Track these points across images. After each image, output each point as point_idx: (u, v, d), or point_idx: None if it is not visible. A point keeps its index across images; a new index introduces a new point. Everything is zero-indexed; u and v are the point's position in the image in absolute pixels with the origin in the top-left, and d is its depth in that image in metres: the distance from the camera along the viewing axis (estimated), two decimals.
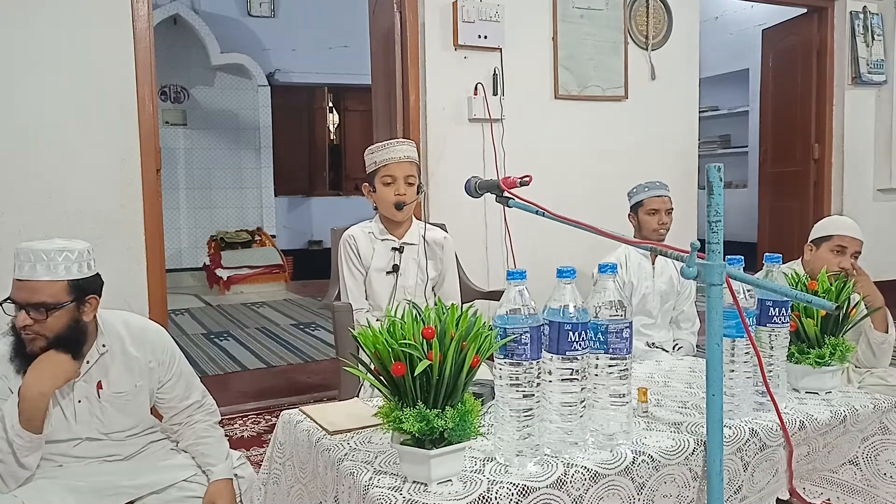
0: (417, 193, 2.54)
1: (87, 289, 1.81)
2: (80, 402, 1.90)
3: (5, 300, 1.78)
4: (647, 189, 3.15)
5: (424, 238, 2.60)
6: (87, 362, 1.89)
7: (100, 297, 1.87)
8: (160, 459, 2.01)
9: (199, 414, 2.09)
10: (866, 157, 5.48)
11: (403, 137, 3.95)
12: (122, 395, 1.94)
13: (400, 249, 2.56)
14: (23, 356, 1.80)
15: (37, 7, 3.14)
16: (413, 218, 2.65)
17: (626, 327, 1.44)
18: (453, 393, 1.25)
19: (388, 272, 2.54)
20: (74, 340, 1.82)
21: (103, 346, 1.91)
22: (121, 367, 1.95)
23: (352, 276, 2.55)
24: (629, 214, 3.21)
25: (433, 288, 2.64)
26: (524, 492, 1.28)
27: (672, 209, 3.14)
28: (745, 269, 1.53)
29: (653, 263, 3.16)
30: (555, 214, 1.53)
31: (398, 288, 2.53)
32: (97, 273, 1.86)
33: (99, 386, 1.91)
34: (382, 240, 2.57)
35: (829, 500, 1.78)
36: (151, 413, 2.10)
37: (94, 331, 1.90)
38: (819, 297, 1.78)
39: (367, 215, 2.75)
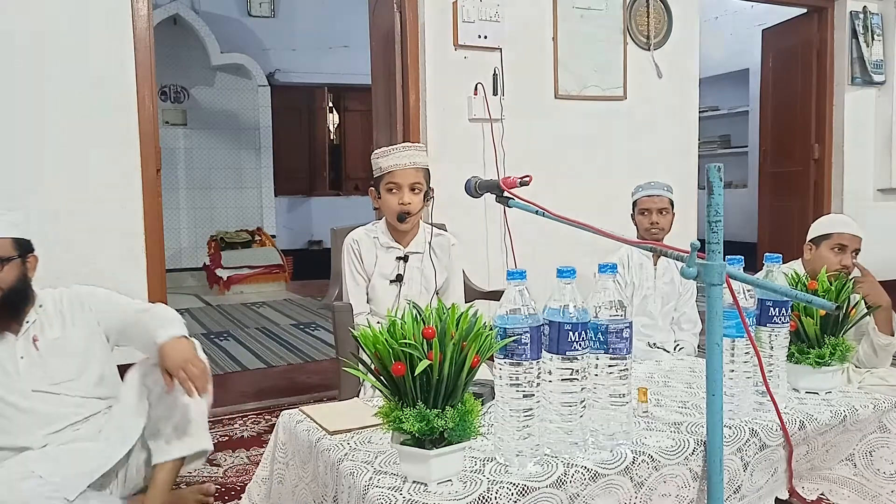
0: (426, 199, 2.46)
1: (28, 248, 2.13)
2: (21, 357, 2.12)
3: None
4: (641, 189, 3.14)
5: (431, 244, 2.52)
6: (27, 322, 2.14)
7: (36, 258, 2.16)
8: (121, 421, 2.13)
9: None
10: (866, 157, 5.47)
11: (403, 137, 3.94)
12: (57, 341, 2.16)
13: (405, 259, 2.49)
14: None
15: (37, 7, 3.14)
16: (420, 223, 2.55)
17: (626, 327, 1.44)
18: (453, 393, 1.25)
19: (391, 281, 2.49)
20: (23, 294, 2.12)
21: (40, 305, 2.18)
22: (54, 321, 2.19)
23: (353, 281, 2.51)
24: (631, 215, 3.20)
25: (437, 293, 2.58)
26: (524, 492, 1.28)
27: (667, 209, 3.08)
28: (745, 269, 1.53)
29: (655, 264, 3.14)
30: (555, 214, 1.53)
31: (401, 297, 2.47)
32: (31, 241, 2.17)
33: (35, 339, 2.14)
34: (387, 248, 2.51)
35: (822, 493, 1.79)
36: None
37: (33, 297, 2.17)
38: (819, 297, 1.78)
39: (366, 215, 2.73)
